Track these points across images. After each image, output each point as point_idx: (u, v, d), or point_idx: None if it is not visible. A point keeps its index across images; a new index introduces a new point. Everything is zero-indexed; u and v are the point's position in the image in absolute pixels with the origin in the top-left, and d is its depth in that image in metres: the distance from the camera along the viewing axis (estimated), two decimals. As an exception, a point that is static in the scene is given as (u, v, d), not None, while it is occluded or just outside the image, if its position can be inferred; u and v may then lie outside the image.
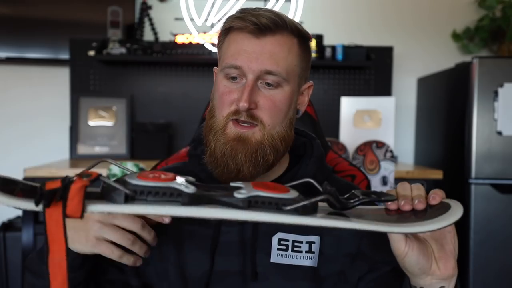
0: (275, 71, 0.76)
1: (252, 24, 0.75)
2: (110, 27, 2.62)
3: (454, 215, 0.58)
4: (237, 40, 0.78)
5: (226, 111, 0.77)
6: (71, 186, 0.51)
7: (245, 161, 0.76)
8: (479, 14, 2.83)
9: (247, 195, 0.56)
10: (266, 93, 0.77)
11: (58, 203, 0.50)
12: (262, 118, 0.77)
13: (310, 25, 2.75)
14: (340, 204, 0.61)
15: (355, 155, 2.08)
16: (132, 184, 0.54)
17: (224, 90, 0.78)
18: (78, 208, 0.51)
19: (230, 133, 0.77)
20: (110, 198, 0.54)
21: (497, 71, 2.24)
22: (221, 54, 0.81)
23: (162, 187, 0.55)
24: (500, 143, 2.24)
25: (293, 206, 0.56)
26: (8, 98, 2.78)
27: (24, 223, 2.13)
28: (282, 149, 0.80)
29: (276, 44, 0.77)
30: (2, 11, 2.67)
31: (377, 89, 2.83)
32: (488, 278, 2.23)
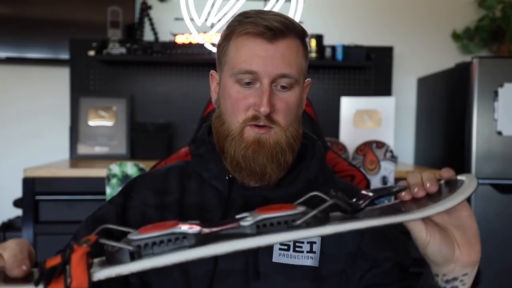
0: (289, 73, 0.77)
1: (266, 29, 0.76)
2: (110, 27, 2.62)
3: (468, 188, 0.57)
4: (248, 44, 0.77)
5: (242, 116, 0.78)
6: (72, 256, 0.49)
7: (268, 161, 0.78)
8: (479, 14, 2.83)
9: (253, 221, 0.55)
10: (281, 96, 0.78)
11: (59, 279, 0.48)
12: (279, 120, 0.78)
13: (310, 25, 2.75)
14: (350, 207, 0.59)
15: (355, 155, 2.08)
16: (135, 240, 0.52)
17: (238, 96, 0.78)
18: (83, 278, 0.48)
19: (248, 137, 0.78)
20: (115, 260, 0.52)
21: (497, 71, 2.24)
22: (228, 59, 0.80)
23: (166, 234, 0.53)
24: (500, 143, 2.24)
25: (302, 219, 0.55)
26: (8, 98, 2.78)
27: (24, 223, 2.13)
28: (297, 147, 0.82)
29: (288, 47, 0.78)
30: (2, 11, 2.66)
31: (377, 89, 2.83)
32: (488, 278, 2.23)
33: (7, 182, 2.67)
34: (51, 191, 2.14)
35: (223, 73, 0.82)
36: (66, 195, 2.15)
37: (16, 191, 2.29)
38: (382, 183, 2.05)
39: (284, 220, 0.56)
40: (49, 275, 0.48)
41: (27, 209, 2.12)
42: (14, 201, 2.35)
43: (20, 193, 2.15)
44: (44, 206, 2.14)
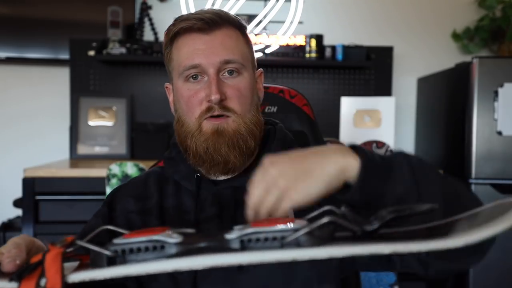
0: (233, 59, 0.79)
1: (198, 21, 0.78)
2: (110, 27, 2.62)
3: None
4: (187, 42, 0.80)
5: (197, 111, 0.79)
6: (46, 256, 0.48)
7: (229, 150, 0.78)
8: (479, 14, 2.83)
9: (238, 234, 0.50)
10: (230, 83, 0.80)
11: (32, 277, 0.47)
12: (234, 107, 0.79)
13: (310, 25, 2.75)
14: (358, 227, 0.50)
15: (355, 155, 2.08)
16: (113, 244, 0.50)
17: (189, 93, 0.80)
18: (57, 279, 0.47)
19: (207, 129, 0.79)
20: (93, 262, 0.50)
21: (497, 71, 2.24)
22: (174, 63, 0.82)
23: (144, 241, 0.50)
24: (500, 143, 2.24)
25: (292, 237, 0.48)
26: (8, 98, 2.78)
27: (24, 223, 2.13)
28: (258, 133, 0.82)
29: (225, 36, 0.80)
30: (2, 11, 2.66)
31: (377, 89, 2.83)
32: (488, 279, 2.23)
33: (7, 182, 2.66)
34: (51, 191, 2.14)
35: (173, 79, 0.84)
36: (66, 195, 2.15)
37: (16, 191, 2.29)
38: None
39: (274, 236, 0.49)
40: (21, 273, 0.48)
41: (27, 209, 2.12)
42: (14, 201, 2.35)
43: (20, 193, 2.15)
44: (44, 206, 2.14)
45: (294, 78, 2.84)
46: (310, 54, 2.65)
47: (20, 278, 0.47)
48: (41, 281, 0.48)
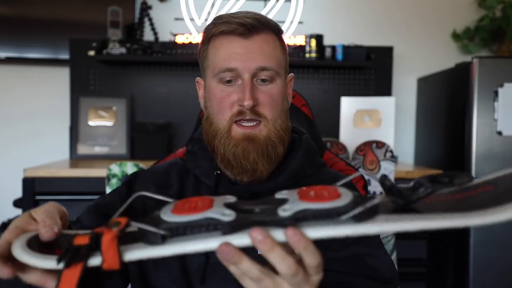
0: (268, 66, 0.79)
1: (239, 25, 0.79)
2: (110, 27, 2.62)
3: None
4: (225, 44, 0.80)
5: (228, 114, 0.80)
6: (102, 239, 0.49)
7: (258, 158, 0.79)
8: (479, 14, 2.84)
9: (292, 211, 0.49)
10: (263, 89, 0.80)
11: (78, 265, 0.48)
12: (265, 113, 0.79)
13: (310, 25, 2.76)
14: (403, 199, 0.50)
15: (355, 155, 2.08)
16: (166, 222, 0.51)
17: (222, 95, 0.80)
18: (114, 259, 0.48)
19: (236, 134, 0.79)
20: (147, 239, 0.51)
21: (497, 71, 2.24)
22: (209, 62, 0.83)
23: (198, 221, 0.50)
24: (500, 143, 2.24)
25: (348, 215, 0.48)
26: (8, 98, 2.78)
27: (24, 223, 2.13)
28: (287, 139, 0.83)
29: (263, 42, 0.80)
30: (2, 11, 2.66)
31: (377, 89, 2.83)
32: (488, 279, 2.23)
33: (7, 182, 2.67)
34: (51, 191, 2.14)
35: (206, 76, 0.85)
36: (66, 195, 2.15)
37: (16, 191, 2.29)
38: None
39: (327, 213, 0.48)
40: (70, 257, 0.48)
41: (27, 209, 2.10)
42: (14, 201, 2.35)
43: (20, 193, 2.15)
44: (44, 206, 2.14)
45: (294, 78, 2.84)
46: (310, 54, 2.65)
47: (69, 263, 0.48)
48: (94, 260, 0.48)
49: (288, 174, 0.84)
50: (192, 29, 2.62)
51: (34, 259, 0.49)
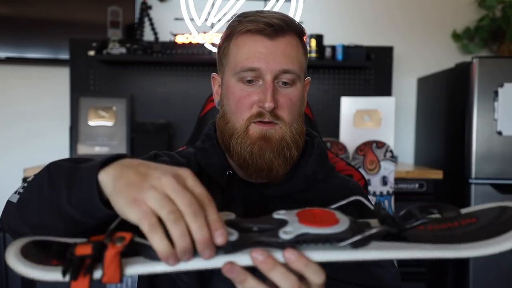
0: (291, 69, 0.78)
1: (267, 26, 0.77)
2: (110, 27, 2.62)
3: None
4: (248, 42, 0.79)
5: (247, 114, 0.78)
6: (106, 254, 0.48)
7: (274, 157, 0.78)
8: (479, 14, 2.84)
9: (294, 235, 0.50)
10: (284, 92, 0.79)
11: (86, 277, 0.47)
12: (283, 116, 0.79)
13: (310, 25, 2.75)
14: (396, 228, 0.53)
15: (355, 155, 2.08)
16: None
17: (242, 94, 0.79)
18: (115, 274, 0.48)
19: (254, 133, 0.78)
20: (148, 254, 0.50)
21: (497, 71, 2.24)
22: (230, 59, 0.81)
23: None
24: (500, 143, 2.24)
25: (347, 242, 0.50)
26: (8, 98, 2.78)
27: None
28: (301, 143, 0.82)
29: (288, 44, 0.79)
30: (2, 11, 2.66)
31: (377, 89, 2.83)
32: (488, 279, 2.23)
33: (7, 182, 2.66)
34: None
35: (225, 73, 0.83)
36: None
37: (16, 191, 2.29)
38: (382, 183, 2.05)
39: (326, 238, 0.51)
40: (77, 268, 0.48)
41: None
42: (14, 201, 2.35)
43: (20, 193, 2.14)
44: (44, 206, 2.14)
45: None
46: (310, 54, 2.65)
47: (76, 275, 0.47)
48: (95, 273, 0.48)
49: (300, 179, 0.83)
50: (192, 29, 2.62)
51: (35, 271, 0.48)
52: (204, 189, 0.50)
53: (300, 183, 0.83)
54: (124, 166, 0.54)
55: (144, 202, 0.48)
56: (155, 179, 0.49)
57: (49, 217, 0.58)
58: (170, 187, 0.48)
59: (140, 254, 0.51)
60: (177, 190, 0.48)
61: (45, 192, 0.59)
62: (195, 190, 0.50)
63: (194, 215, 0.47)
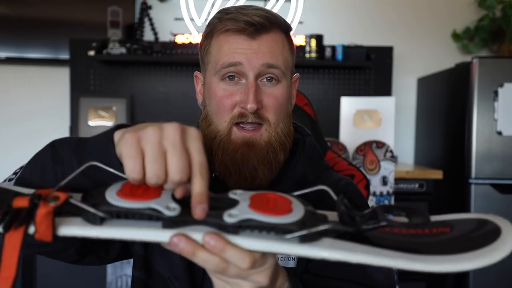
0: (276, 63, 0.74)
1: (248, 25, 0.73)
2: (110, 27, 2.62)
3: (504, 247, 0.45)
4: (230, 40, 0.74)
5: (229, 115, 0.74)
6: (37, 212, 0.47)
7: (258, 164, 0.74)
8: (479, 14, 2.83)
9: (237, 219, 0.48)
10: (268, 91, 0.75)
11: (19, 229, 0.47)
12: (268, 117, 0.75)
13: (310, 25, 2.76)
14: (353, 227, 0.50)
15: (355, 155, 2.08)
16: (108, 204, 0.49)
17: (223, 94, 0.75)
18: (47, 232, 0.47)
19: (236, 139, 0.74)
20: (85, 217, 0.49)
21: (497, 71, 2.24)
22: (211, 57, 0.77)
23: (140, 209, 0.49)
24: (500, 143, 2.24)
25: (293, 235, 0.48)
26: (8, 98, 2.79)
27: (24, 223, 2.13)
28: (288, 145, 0.78)
29: (271, 41, 0.75)
30: (2, 11, 2.67)
31: (377, 89, 2.83)
32: (488, 279, 2.23)
33: (7, 182, 2.66)
34: (51, 191, 2.14)
35: (207, 72, 0.79)
36: (66, 195, 2.15)
37: (16, 191, 2.29)
38: (382, 183, 2.05)
39: (270, 227, 0.48)
40: (9, 221, 0.47)
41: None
42: (14, 201, 2.35)
43: (20, 193, 2.15)
44: (44, 206, 2.14)
45: (294, 78, 2.84)
46: (310, 54, 2.65)
47: (8, 227, 0.47)
48: (30, 228, 0.48)
49: (289, 182, 0.80)
50: (192, 29, 2.62)
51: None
52: (204, 158, 0.50)
53: (288, 186, 0.79)
54: (138, 123, 0.54)
55: (139, 138, 0.49)
56: (162, 126, 0.50)
57: None
58: (171, 140, 0.49)
59: (80, 215, 0.50)
60: (175, 147, 0.49)
61: (48, 168, 0.59)
62: (194, 154, 0.50)
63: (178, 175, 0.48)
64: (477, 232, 0.49)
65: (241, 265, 0.49)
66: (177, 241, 0.48)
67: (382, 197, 2.06)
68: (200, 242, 0.49)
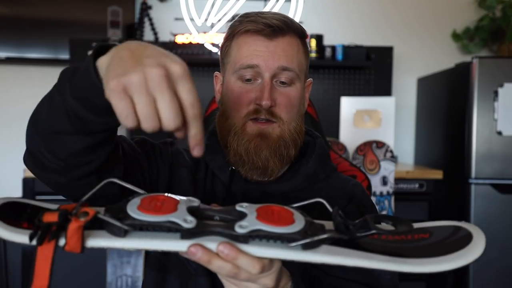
0: (290, 67, 0.79)
1: (266, 26, 0.79)
2: (110, 27, 2.62)
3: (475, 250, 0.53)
4: (249, 42, 0.80)
5: (245, 111, 0.79)
6: (69, 226, 0.52)
7: (270, 155, 0.79)
8: (479, 14, 2.84)
9: (248, 230, 0.54)
10: (282, 91, 0.80)
11: (51, 242, 0.51)
12: (281, 115, 0.79)
13: (310, 25, 2.76)
14: (347, 235, 0.57)
15: (355, 155, 2.08)
16: (131, 218, 0.54)
17: (240, 91, 0.80)
18: (77, 245, 0.52)
19: (250, 131, 0.79)
20: (110, 230, 0.54)
21: (497, 71, 2.24)
22: (230, 58, 0.83)
23: (160, 222, 0.54)
24: (500, 143, 2.24)
25: (297, 243, 0.54)
26: (8, 98, 2.78)
27: (24, 223, 2.13)
28: (300, 142, 0.83)
29: (287, 44, 0.80)
30: (2, 11, 2.66)
31: (377, 89, 2.83)
32: (488, 279, 2.23)
33: (7, 182, 2.67)
34: (51, 191, 2.11)
35: (226, 72, 0.84)
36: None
37: (16, 191, 2.29)
38: (382, 183, 2.05)
39: (278, 237, 0.55)
40: (43, 234, 0.51)
41: (27, 209, 2.12)
42: (14, 201, 2.35)
43: (20, 193, 2.15)
44: (44, 206, 2.14)
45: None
46: (310, 54, 2.65)
47: (42, 241, 0.51)
48: (60, 240, 0.52)
49: (301, 178, 0.84)
50: (192, 29, 2.62)
51: (6, 232, 0.52)
52: (194, 97, 0.51)
53: (301, 181, 0.84)
54: (121, 48, 0.53)
55: (125, 86, 0.49)
56: (145, 71, 0.49)
57: (59, 121, 0.60)
58: (157, 87, 0.49)
59: (104, 229, 0.55)
60: (163, 94, 0.49)
61: (55, 98, 0.61)
62: (184, 97, 0.51)
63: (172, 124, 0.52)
64: (452, 238, 0.57)
65: (252, 271, 0.55)
66: (194, 251, 0.53)
67: (382, 197, 2.06)
68: (214, 251, 0.54)
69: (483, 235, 0.55)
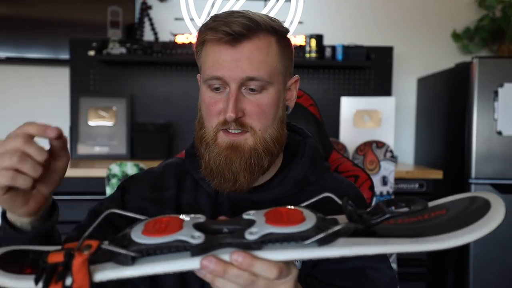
0: (257, 76, 0.74)
1: (225, 35, 0.73)
2: (110, 27, 2.62)
3: (496, 216, 0.51)
4: (214, 51, 0.76)
5: (215, 121, 0.76)
6: (73, 262, 0.50)
7: (240, 169, 0.75)
8: (479, 14, 2.83)
9: (259, 235, 0.52)
10: (251, 99, 0.75)
11: (58, 283, 0.50)
12: (252, 124, 0.76)
13: (310, 25, 2.76)
14: (362, 224, 0.54)
15: (355, 155, 2.08)
16: (137, 244, 0.52)
17: (210, 101, 0.77)
18: (84, 280, 0.50)
19: (222, 142, 0.76)
20: (117, 260, 0.52)
21: (497, 71, 2.24)
22: (201, 64, 0.80)
23: (168, 243, 0.52)
24: (500, 143, 2.24)
25: (311, 240, 0.52)
26: (8, 98, 2.78)
27: (24, 223, 2.13)
28: (276, 150, 0.79)
29: (254, 49, 0.74)
30: (2, 11, 2.66)
31: (377, 89, 2.83)
32: (488, 279, 2.23)
33: (7, 182, 2.66)
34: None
35: (200, 77, 0.82)
36: (66, 195, 2.15)
37: (16, 191, 2.29)
38: (382, 183, 2.05)
39: (291, 237, 0.52)
40: (49, 276, 0.49)
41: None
42: (14, 201, 2.35)
43: (20, 193, 2.14)
44: (44, 206, 2.14)
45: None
46: (310, 54, 2.66)
47: (48, 283, 0.49)
48: (67, 280, 0.50)
49: (290, 183, 0.82)
50: (192, 29, 2.62)
51: (9, 280, 0.50)
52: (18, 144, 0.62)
53: (289, 187, 0.81)
54: None
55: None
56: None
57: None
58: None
59: (110, 259, 0.53)
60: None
61: None
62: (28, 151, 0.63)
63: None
64: (470, 209, 0.54)
65: (269, 276, 0.53)
66: (207, 263, 0.51)
67: (382, 197, 2.06)
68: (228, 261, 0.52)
69: (501, 201, 0.53)
